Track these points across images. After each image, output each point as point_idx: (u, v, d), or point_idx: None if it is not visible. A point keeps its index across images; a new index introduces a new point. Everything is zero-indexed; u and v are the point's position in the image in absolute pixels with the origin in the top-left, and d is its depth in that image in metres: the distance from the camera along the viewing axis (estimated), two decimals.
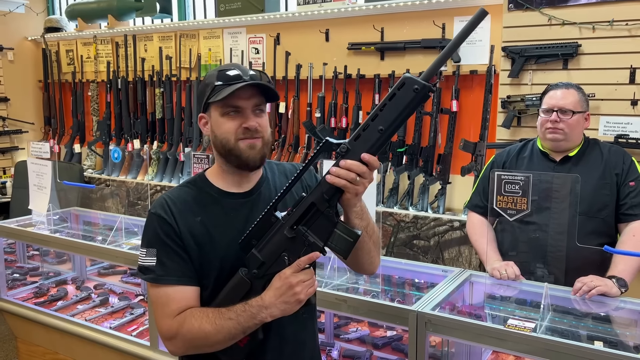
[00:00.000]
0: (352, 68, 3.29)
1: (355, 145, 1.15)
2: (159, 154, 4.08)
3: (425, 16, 3.05)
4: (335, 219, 1.20)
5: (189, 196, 1.31)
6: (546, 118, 2.03)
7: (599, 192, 1.99)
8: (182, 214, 1.28)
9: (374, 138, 1.13)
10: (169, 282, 1.25)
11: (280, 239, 1.21)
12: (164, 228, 1.27)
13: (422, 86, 1.09)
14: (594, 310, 1.78)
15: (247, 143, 1.26)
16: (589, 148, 2.07)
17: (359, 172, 1.14)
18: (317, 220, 1.20)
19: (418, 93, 1.09)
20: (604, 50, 2.53)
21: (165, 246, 1.26)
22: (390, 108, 1.11)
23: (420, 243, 2.98)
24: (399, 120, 1.12)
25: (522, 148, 2.19)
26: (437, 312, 1.63)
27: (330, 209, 1.19)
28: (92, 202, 4.16)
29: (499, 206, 1.70)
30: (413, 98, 1.09)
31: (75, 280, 2.95)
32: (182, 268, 1.26)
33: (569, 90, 2.04)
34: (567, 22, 2.59)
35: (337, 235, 1.20)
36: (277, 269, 1.20)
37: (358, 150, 1.14)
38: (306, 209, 1.20)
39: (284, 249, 1.21)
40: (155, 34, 4.18)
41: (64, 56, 4.77)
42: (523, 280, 1.89)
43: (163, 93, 4.05)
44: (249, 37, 3.75)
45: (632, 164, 2.02)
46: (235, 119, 1.26)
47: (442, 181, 3.03)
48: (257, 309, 1.18)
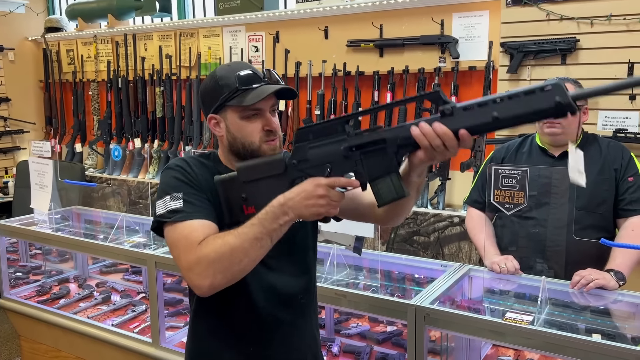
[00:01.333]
0: (351, 65, 3.29)
1: (462, 114, 1.04)
2: (159, 153, 4.09)
3: (424, 13, 3.05)
4: (394, 167, 1.14)
5: (206, 167, 1.32)
6: None
7: (597, 187, 2.00)
8: (202, 175, 1.28)
9: (483, 120, 1.02)
10: (199, 217, 1.21)
11: (334, 151, 1.17)
12: (186, 175, 1.26)
13: (567, 103, 0.96)
14: (592, 303, 1.79)
15: (270, 146, 1.28)
16: (587, 143, 2.07)
17: (448, 144, 1.05)
18: (377, 158, 1.14)
19: (557, 106, 0.96)
20: (602, 45, 2.53)
21: (191, 188, 1.25)
22: (519, 102, 0.99)
23: (420, 239, 2.99)
24: (518, 120, 1.00)
25: (521, 143, 2.20)
26: (435, 306, 1.64)
27: (396, 155, 1.13)
28: (93, 201, 4.18)
29: (496, 200, 1.71)
30: (548, 108, 0.97)
31: (78, 278, 2.96)
32: (209, 208, 1.24)
33: (566, 84, 2.04)
34: (565, 17, 2.59)
35: (386, 183, 1.14)
36: (315, 173, 1.17)
37: (460, 121, 1.04)
38: (374, 140, 1.14)
39: (331, 161, 1.17)
40: (155, 33, 4.19)
41: (64, 56, 4.78)
42: (522, 275, 1.90)
43: (163, 92, 4.07)
44: (248, 35, 3.76)
45: (630, 159, 2.03)
46: (256, 121, 1.27)
47: (441, 177, 3.04)
48: (278, 208, 1.13)
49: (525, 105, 0.98)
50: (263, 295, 1.31)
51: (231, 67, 1.30)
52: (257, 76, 1.26)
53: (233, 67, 1.29)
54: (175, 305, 2.57)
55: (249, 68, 1.28)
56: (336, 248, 2.11)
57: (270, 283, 1.32)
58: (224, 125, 1.30)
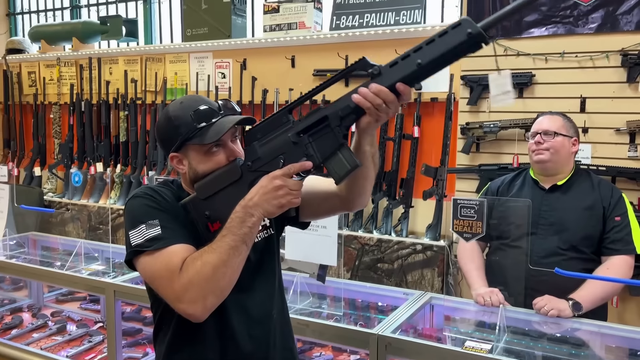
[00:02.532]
0: (317, 94, 3.33)
1: (389, 71, 1.10)
2: (122, 177, 4.02)
3: (388, 45, 3.13)
4: (341, 140, 1.16)
5: (170, 192, 1.32)
6: (532, 142, 2.11)
7: (585, 222, 2.03)
8: (166, 202, 1.28)
9: (409, 70, 1.08)
10: (180, 241, 1.20)
11: (283, 141, 1.19)
12: (157, 202, 1.26)
13: (477, 32, 1.00)
14: (549, 332, 1.83)
15: None
16: (580, 178, 2.12)
17: (387, 99, 1.10)
18: (324, 136, 1.16)
19: (470, 37, 1.01)
20: (556, 80, 2.65)
21: (165, 214, 1.24)
22: (437, 45, 1.04)
23: (384, 266, 3.01)
24: (440, 60, 1.05)
25: (516, 176, 2.26)
26: (397, 335, 1.65)
27: (340, 128, 1.15)
28: (51, 226, 4.06)
29: (455, 229, 1.75)
30: (463, 41, 1.02)
31: (32, 307, 2.86)
32: (186, 233, 1.24)
33: (554, 116, 2.15)
34: (521, 53, 2.71)
35: (337, 158, 1.15)
36: (269, 169, 1.18)
37: (389, 77, 1.10)
38: (317, 120, 1.17)
39: (283, 152, 1.19)
40: (121, 57, 4.16)
41: (25, 78, 4.69)
42: (508, 307, 1.90)
43: (128, 116, 4.02)
44: (215, 61, 3.78)
45: (620, 198, 2.06)
46: (218, 154, 1.28)
47: (405, 205, 3.08)
48: (242, 211, 1.15)
49: (442, 46, 1.04)
50: (237, 317, 1.30)
51: (184, 104, 1.28)
52: (212, 110, 1.26)
53: (186, 104, 1.28)
54: (134, 335, 2.50)
55: (203, 102, 1.28)
56: (300, 276, 2.10)
57: (243, 303, 1.31)
58: (186, 162, 1.30)
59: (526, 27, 2.69)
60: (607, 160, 2.54)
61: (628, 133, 2.51)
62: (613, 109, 2.54)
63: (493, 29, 1.01)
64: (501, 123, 2.74)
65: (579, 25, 2.58)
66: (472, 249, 2.17)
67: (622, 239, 2.00)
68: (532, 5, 2.65)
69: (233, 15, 3.62)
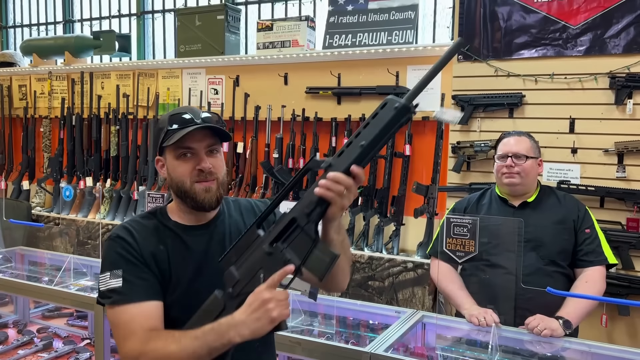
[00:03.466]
0: (309, 111, 3.36)
1: (339, 160, 1.16)
2: (112, 192, 4.00)
3: (380, 64, 3.17)
4: (314, 235, 1.17)
5: (150, 225, 1.34)
6: (501, 164, 2.13)
7: (558, 236, 2.07)
8: (144, 238, 1.30)
9: (355, 153, 1.14)
10: (136, 299, 1.23)
11: (258, 256, 1.20)
12: (127, 248, 1.27)
13: (402, 105, 1.12)
14: (541, 351, 1.83)
15: (202, 186, 1.29)
16: (545, 195, 2.17)
17: (345, 184, 1.14)
18: (297, 238, 1.17)
19: (398, 110, 1.12)
20: (545, 101, 2.70)
21: (130, 264, 1.26)
22: (373, 125, 1.13)
23: (375, 284, 3.00)
24: (379, 137, 1.13)
25: (481, 195, 2.28)
26: (389, 354, 1.64)
27: (309, 224, 1.17)
28: (39, 241, 4.01)
29: (448, 248, 1.76)
30: (393, 116, 1.12)
31: (17, 323, 2.81)
32: (149, 284, 1.26)
33: (521, 137, 2.17)
34: (512, 74, 2.75)
35: (314, 256, 1.16)
36: (252, 287, 1.17)
37: (341, 165, 1.15)
38: (287, 225, 1.19)
39: (261, 267, 1.18)
40: (113, 72, 4.17)
41: (16, 91, 4.66)
42: (501, 327, 1.90)
43: (119, 131, 4.01)
44: (208, 78, 3.79)
45: (586, 212, 2.12)
46: (189, 161, 1.30)
47: (396, 222, 3.09)
48: (225, 327, 1.14)
49: (378, 125, 1.13)
50: None
51: (172, 111, 1.34)
52: (191, 119, 1.29)
53: (174, 111, 1.33)
54: None
55: (189, 112, 1.31)
56: (291, 293, 2.09)
57: None
58: (165, 166, 1.34)
59: (516, 49, 2.74)
60: (595, 180, 2.58)
61: (616, 154, 2.55)
62: (601, 130, 2.59)
63: (414, 99, 1.13)
64: (492, 142, 2.76)
65: (568, 48, 2.63)
66: (449, 270, 2.17)
67: (594, 250, 2.06)
68: (523, 28, 2.71)
69: (227, 32, 3.65)
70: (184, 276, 1.30)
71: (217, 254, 1.30)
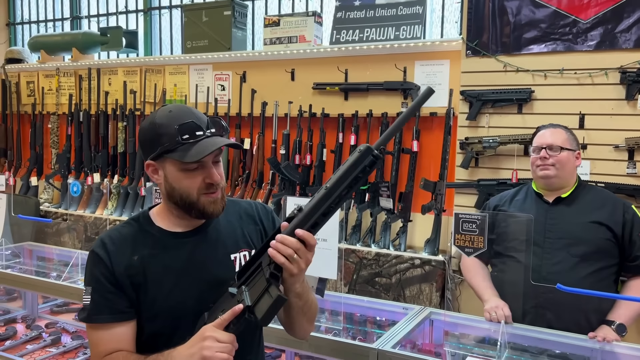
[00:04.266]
0: (316, 107, 3.35)
1: (307, 206, 1.12)
2: (119, 188, 4.01)
3: (388, 60, 3.15)
4: (268, 277, 1.12)
5: (129, 234, 1.30)
6: (536, 156, 2.08)
7: (594, 235, 1.99)
8: (119, 253, 1.26)
9: (319, 195, 1.10)
10: (101, 320, 1.24)
11: (224, 298, 1.19)
12: (98, 267, 1.26)
13: (366, 148, 1.09)
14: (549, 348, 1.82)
15: (209, 198, 1.24)
16: (584, 191, 2.09)
17: (293, 247, 1.10)
18: (256, 280, 1.15)
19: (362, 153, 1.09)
20: (555, 97, 2.67)
21: (99, 284, 1.25)
22: (339, 171, 1.11)
23: (382, 280, 2.99)
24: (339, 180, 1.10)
25: (517, 192, 2.22)
26: (397, 350, 1.63)
27: (270, 266, 1.12)
28: (47, 236, 4.03)
29: (457, 244, 1.75)
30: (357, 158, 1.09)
31: (26, 318, 2.82)
32: (115, 305, 1.24)
33: (556, 129, 2.11)
34: (521, 69, 2.73)
35: (264, 297, 1.11)
36: None
37: (303, 220, 1.11)
38: (254, 269, 1.18)
39: (223, 308, 1.17)
40: (120, 68, 4.17)
41: (24, 87, 4.69)
42: (513, 324, 1.88)
43: (126, 127, 4.02)
44: (215, 74, 3.79)
45: (634, 214, 2.02)
46: (197, 175, 1.22)
47: (403, 219, 3.08)
48: (165, 357, 1.16)
49: (343, 167, 1.10)
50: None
51: (172, 113, 1.23)
52: (198, 126, 1.21)
53: (174, 114, 1.23)
54: None
55: (191, 116, 1.22)
56: None
57: None
58: (162, 173, 1.26)
59: (526, 44, 2.71)
60: (605, 176, 2.55)
61: (627, 150, 2.52)
62: (612, 125, 2.56)
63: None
64: (500, 138, 2.75)
65: (578, 43, 2.60)
66: (475, 263, 2.15)
67: None
68: (532, 22, 2.69)
69: (233, 28, 3.64)
70: (165, 287, 1.26)
71: (203, 263, 1.27)
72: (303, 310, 1.24)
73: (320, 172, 3.32)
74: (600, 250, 1.99)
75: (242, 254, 1.33)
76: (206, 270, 1.28)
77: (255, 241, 1.37)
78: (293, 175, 3.31)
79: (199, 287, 1.27)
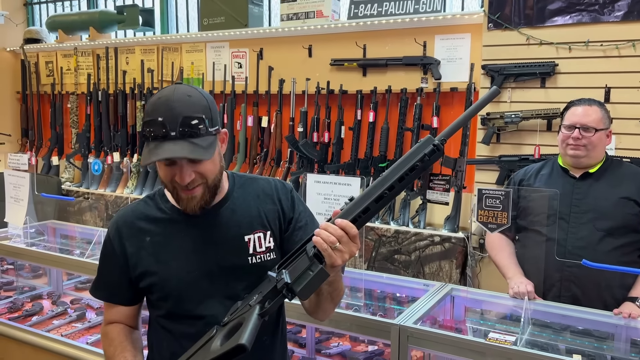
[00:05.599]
0: (334, 84, 3.31)
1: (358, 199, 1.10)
2: (139, 167, 4.04)
3: (407, 34, 3.10)
4: (310, 257, 1.10)
5: (142, 214, 1.32)
6: (567, 134, 2.02)
7: (621, 210, 1.95)
8: (129, 233, 1.29)
9: (371, 185, 1.09)
10: (99, 297, 1.38)
11: (264, 282, 1.17)
12: (109, 247, 1.32)
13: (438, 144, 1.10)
14: (572, 324, 1.80)
15: (184, 194, 1.21)
16: (612, 166, 2.05)
17: (337, 236, 1.07)
18: (297, 260, 1.13)
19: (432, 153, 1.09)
20: (580, 70, 2.60)
21: (105, 263, 1.34)
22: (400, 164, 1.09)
23: (401, 258, 2.99)
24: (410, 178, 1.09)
25: (542, 166, 2.19)
26: (419, 326, 1.64)
27: (314, 249, 1.09)
28: (69, 215, 4.09)
29: (480, 220, 1.73)
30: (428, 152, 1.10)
31: (51, 294, 2.88)
32: (114, 287, 1.33)
33: (592, 107, 2.03)
34: (544, 42, 2.66)
35: (305, 273, 1.09)
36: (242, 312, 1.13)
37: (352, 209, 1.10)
38: (295, 251, 1.16)
39: (261, 290, 1.15)
40: (137, 47, 4.17)
41: (43, 68, 4.72)
42: (537, 299, 1.87)
43: (144, 106, 4.03)
44: (232, 51, 3.76)
45: None
46: (169, 169, 1.18)
47: (423, 196, 3.05)
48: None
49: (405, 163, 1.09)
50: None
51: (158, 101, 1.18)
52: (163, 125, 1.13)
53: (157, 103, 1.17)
54: None
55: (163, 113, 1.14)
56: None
57: None
58: None
59: (550, 16, 2.64)
60: (631, 151, 2.49)
61: None
62: (639, 99, 2.49)
63: None
64: (523, 113, 2.70)
65: (604, 13, 2.52)
66: (500, 239, 2.13)
67: None
68: None
69: (250, 4, 3.60)
70: (175, 267, 1.26)
71: (215, 244, 1.26)
72: (332, 296, 1.24)
73: (339, 150, 3.30)
74: (626, 225, 1.95)
75: (256, 236, 1.29)
76: (217, 251, 1.27)
77: (272, 222, 1.32)
78: (311, 153, 3.30)
79: (209, 268, 1.26)
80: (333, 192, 1.87)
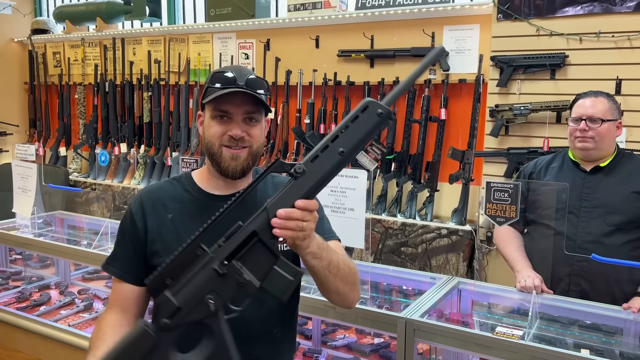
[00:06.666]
0: (341, 75, 3.29)
1: (312, 167, 1.02)
2: (146, 158, 4.04)
3: (415, 25, 3.07)
4: (277, 253, 1.03)
5: (166, 192, 1.33)
6: (575, 127, 2.00)
7: (632, 205, 1.93)
8: (153, 210, 1.30)
9: (333, 161, 1.01)
10: (110, 271, 1.32)
11: (207, 277, 1.00)
12: (128, 221, 1.31)
13: (387, 112, 1.01)
14: (580, 318, 1.79)
15: (230, 152, 1.24)
16: (623, 159, 2.03)
17: (301, 218, 1.03)
18: (257, 254, 1.02)
19: (382, 118, 1.01)
20: (590, 61, 2.57)
21: (123, 238, 1.32)
22: (353, 130, 1.01)
23: (408, 250, 2.98)
24: (360, 144, 1.02)
25: (552, 159, 2.16)
26: (425, 319, 1.63)
27: (274, 239, 1.03)
28: (76, 206, 4.11)
29: (488, 214, 1.71)
30: (377, 122, 1.01)
31: (59, 285, 2.90)
32: (128, 263, 1.30)
33: (598, 98, 2.01)
34: (554, 33, 2.62)
35: (276, 274, 1.02)
36: (197, 316, 1.00)
37: (315, 173, 1.02)
38: (245, 239, 1.02)
39: (211, 290, 1.00)
40: (144, 38, 4.16)
41: (50, 58, 4.72)
42: (545, 293, 1.85)
43: (151, 97, 4.03)
44: (238, 42, 3.74)
45: None
46: (222, 125, 1.24)
47: (430, 189, 3.04)
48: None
49: (359, 130, 1.02)
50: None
51: (220, 68, 1.32)
52: (234, 79, 1.22)
53: (221, 68, 1.31)
54: None
55: (235, 71, 1.25)
56: None
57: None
58: (202, 123, 1.31)
59: (560, 6, 2.60)
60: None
61: None
62: None
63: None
64: (532, 105, 2.67)
65: (616, 4, 2.48)
66: (509, 231, 2.11)
67: None
68: None
69: None
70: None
71: None
72: (331, 272, 1.18)
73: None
74: (637, 220, 1.93)
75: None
76: None
77: None
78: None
79: None
80: (340, 184, 1.86)
